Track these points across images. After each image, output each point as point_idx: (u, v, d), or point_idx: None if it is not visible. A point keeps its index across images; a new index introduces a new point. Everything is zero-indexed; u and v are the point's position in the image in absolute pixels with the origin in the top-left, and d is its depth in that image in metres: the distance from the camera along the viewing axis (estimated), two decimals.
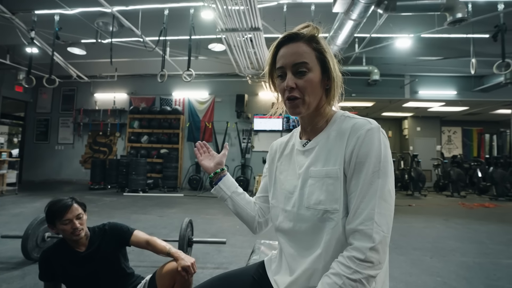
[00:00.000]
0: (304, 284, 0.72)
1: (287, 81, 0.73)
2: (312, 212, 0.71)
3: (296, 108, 0.74)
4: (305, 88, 0.72)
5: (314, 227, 0.71)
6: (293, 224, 0.76)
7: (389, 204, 0.64)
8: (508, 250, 3.17)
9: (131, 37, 5.36)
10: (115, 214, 4.47)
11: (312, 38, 0.74)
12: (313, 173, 0.73)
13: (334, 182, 0.68)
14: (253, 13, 3.79)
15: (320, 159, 0.73)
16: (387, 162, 0.66)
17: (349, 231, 0.65)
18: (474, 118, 10.08)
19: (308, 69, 0.72)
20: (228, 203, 0.97)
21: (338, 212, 0.67)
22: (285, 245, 0.79)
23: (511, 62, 4.22)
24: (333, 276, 0.62)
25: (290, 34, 0.75)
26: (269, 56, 0.79)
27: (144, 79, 8.44)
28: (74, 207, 1.38)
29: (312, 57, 0.73)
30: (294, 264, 0.75)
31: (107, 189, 7.30)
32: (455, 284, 2.25)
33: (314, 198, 0.71)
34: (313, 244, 0.71)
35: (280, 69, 0.75)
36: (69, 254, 1.40)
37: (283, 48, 0.75)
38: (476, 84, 7.15)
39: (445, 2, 3.40)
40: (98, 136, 8.62)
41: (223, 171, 1.01)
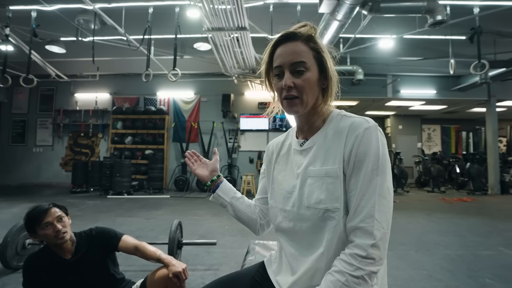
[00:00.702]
0: (306, 283, 0.72)
1: (285, 80, 0.72)
2: (313, 212, 0.71)
3: (293, 107, 0.74)
4: (303, 87, 0.72)
5: (314, 226, 0.71)
6: (293, 224, 0.76)
7: (388, 201, 0.66)
8: (486, 242, 3.33)
9: (114, 35, 5.21)
10: (100, 217, 4.33)
11: (310, 37, 0.74)
12: (312, 173, 0.73)
13: (334, 181, 0.69)
14: (239, 12, 3.77)
15: (319, 158, 0.73)
16: (385, 160, 0.67)
17: (350, 229, 0.65)
18: (452, 116, 10.52)
19: (306, 68, 0.72)
20: (228, 209, 0.97)
21: (339, 211, 0.68)
22: (286, 245, 0.78)
23: (486, 63, 4.43)
24: (336, 273, 0.62)
25: (287, 33, 0.74)
26: (266, 55, 0.78)
27: (127, 78, 8.23)
28: (52, 210, 1.33)
29: (310, 56, 0.73)
30: (296, 264, 0.75)
31: (90, 192, 7.07)
32: (439, 276, 2.34)
33: (314, 198, 0.71)
34: (314, 243, 0.71)
35: (277, 68, 0.75)
36: (55, 262, 1.34)
37: (281, 47, 0.75)
38: (453, 83, 7.47)
39: (426, 5, 3.52)
40: (80, 138, 8.33)
41: (219, 177, 1.00)
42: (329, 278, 0.63)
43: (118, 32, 4.72)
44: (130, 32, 4.76)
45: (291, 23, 3.39)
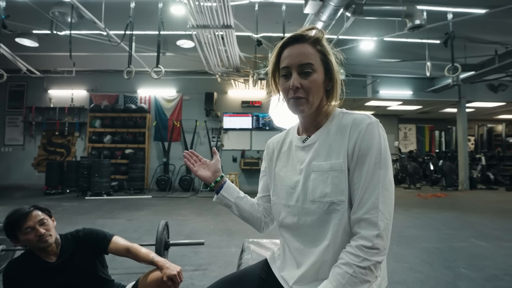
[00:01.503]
0: (313, 277, 0.73)
1: (292, 81, 0.74)
2: (318, 205, 0.73)
3: (299, 106, 0.76)
4: (310, 88, 0.74)
5: (320, 220, 0.73)
6: (298, 218, 0.77)
7: (390, 193, 0.69)
8: (460, 234, 3.54)
9: (91, 29, 4.99)
10: (78, 220, 4.15)
11: (317, 40, 0.76)
12: (315, 167, 0.75)
13: (339, 175, 0.71)
14: (225, 10, 3.75)
15: (322, 153, 0.76)
16: (387, 154, 0.70)
17: (355, 221, 0.68)
18: (426, 116, 11.07)
19: (313, 70, 0.74)
20: (233, 209, 0.97)
21: (344, 203, 0.70)
22: (290, 240, 0.80)
23: (459, 66, 4.70)
24: (343, 266, 0.64)
25: (296, 35, 0.76)
26: (273, 56, 0.80)
27: (105, 75, 7.92)
28: (34, 214, 1.26)
29: (317, 58, 0.75)
30: (301, 258, 0.76)
31: (66, 193, 6.74)
32: (420, 268, 2.46)
33: (319, 192, 0.73)
34: (319, 236, 0.73)
35: (285, 68, 0.76)
36: (38, 266, 1.27)
37: (289, 49, 0.76)
38: (428, 85, 7.85)
39: (405, 9, 3.68)
40: (54, 136, 7.90)
41: (223, 178, 0.99)
42: (336, 270, 0.65)
43: (96, 26, 4.52)
44: (110, 27, 4.58)
45: (275, 22, 3.44)
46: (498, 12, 4.18)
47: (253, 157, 7.79)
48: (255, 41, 4.84)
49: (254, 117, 7.99)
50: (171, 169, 7.62)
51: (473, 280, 2.24)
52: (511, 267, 2.49)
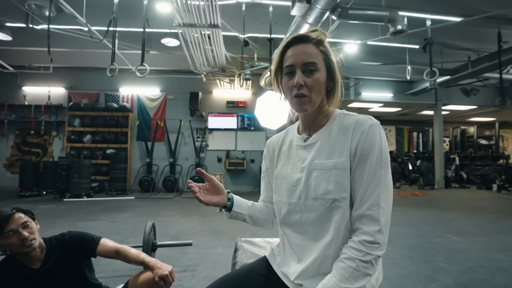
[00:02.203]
0: (314, 272, 0.75)
1: (297, 78, 0.76)
2: (320, 202, 0.75)
3: (303, 105, 0.78)
4: (313, 86, 0.76)
5: (322, 216, 0.75)
6: (300, 215, 0.79)
7: (390, 190, 0.72)
8: (437, 230, 3.72)
9: (72, 24, 4.80)
10: (57, 222, 3.98)
11: (320, 41, 0.78)
12: (318, 166, 0.77)
13: (342, 173, 0.73)
14: (213, 9, 3.73)
15: (324, 152, 0.78)
16: (387, 154, 0.73)
17: (356, 217, 0.71)
18: (405, 118, 11.51)
19: (316, 69, 0.76)
20: (247, 220, 0.96)
21: (346, 200, 0.73)
22: (292, 237, 0.81)
23: (436, 71, 4.93)
24: (346, 260, 0.67)
25: (300, 35, 0.78)
26: (277, 55, 0.81)
27: (85, 72, 7.64)
28: (16, 216, 1.20)
29: (320, 59, 0.77)
30: (303, 254, 0.78)
31: (42, 195, 6.43)
32: (402, 263, 2.57)
33: (321, 189, 0.75)
34: (321, 232, 0.75)
35: (289, 67, 0.78)
36: (21, 273, 1.21)
37: (292, 48, 0.78)
38: (407, 88, 8.18)
39: (388, 15, 3.82)
40: (29, 136, 7.51)
41: (229, 193, 0.96)
42: (340, 265, 0.67)
43: (76, 21, 4.35)
44: (92, 23, 4.42)
45: (262, 23, 3.48)
46: (472, 21, 4.43)
47: (238, 158, 7.79)
48: (242, 41, 4.85)
49: (239, 117, 7.98)
50: (155, 169, 7.47)
51: (450, 272, 2.37)
52: (483, 260, 2.65)
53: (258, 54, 5.88)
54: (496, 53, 5.45)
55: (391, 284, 2.16)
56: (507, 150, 12.24)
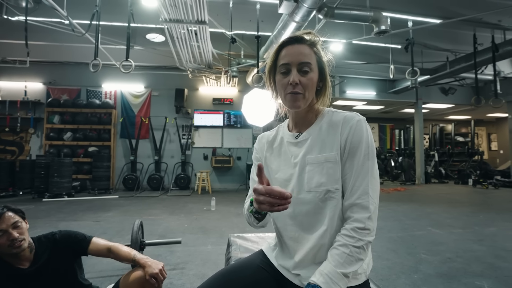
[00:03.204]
0: (310, 261, 0.79)
1: (292, 77, 0.79)
2: (314, 194, 0.79)
3: (297, 102, 0.81)
4: (307, 85, 0.80)
5: (315, 208, 0.79)
6: (293, 208, 0.82)
7: (377, 180, 0.77)
8: (418, 224, 3.88)
9: (51, 17, 4.60)
10: (37, 223, 3.82)
11: (314, 43, 0.83)
12: (310, 160, 0.81)
13: (334, 166, 0.78)
14: (200, 5, 3.68)
15: (315, 148, 0.82)
16: (374, 147, 0.79)
17: (347, 206, 0.75)
18: (388, 116, 11.86)
19: (310, 69, 0.80)
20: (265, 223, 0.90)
21: (338, 191, 0.77)
22: (286, 229, 0.84)
23: (417, 70, 5.10)
24: (340, 247, 0.71)
25: (296, 36, 0.82)
26: (273, 54, 0.84)
27: (65, 67, 7.34)
28: (7, 216, 1.17)
29: (313, 59, 0.82)
30: (298, 245, 0.81)
31: (19, 195, 6.16)
32: (386, 256, 2.66)
33: (315, 182, 0.79)
34: (315, 223, 0.79)
35: (284, 65, 0.81)
36: (9, 274, 1.17)
37: (288, 48, 0.82)
38: (390, 87, 8.42)
39: (373, 15, 3.92)
40: (3, 133, 7.14)
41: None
42: (334, 252, 0.71)
43: (56, 14, 4.17)
44: (73, 16, 4.25)
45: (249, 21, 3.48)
46: (450, 23, 4.62)
47: (225, 155, 7.76)
48: (230, 38, 4.82)
49: (226, 114, 7.95)
50: (139, 167, 7.32)
51: (431, 263, 2.48)
52: (461, 250, 2.80)
53: (245, 52, 5.86)
54: (471, 54, 5.71)
55: (376, 276, 2.24)
56: (481, 147, 12.89)
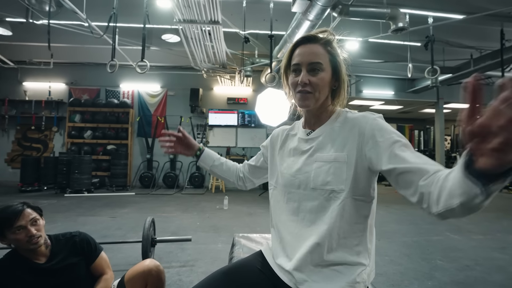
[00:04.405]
0: (306, 261, 0.76)
1: (301, 77, 0.80)
2: (319, 192, 0.78)
3: (306, 101, 0.81)
4: (317, 85, 0.80)
5: (319, 206, 0.78)
6: (298, 204, 0.82)
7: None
8: (436, 228, 3.73)
9: (72, 20, 4.79)
10: (57, 218, 4.01)
11: (328, 42, 0.82)
12: (319, 158, 0.81)
13: (342, 166, 0.76)
14: (213, 5, 3.71)
15: (326, 146, 0.81)
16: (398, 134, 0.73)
17: (424, 175, 0.62)
18: (406, 116, 11.47)
19: (321, 69, 0.80)
20: (211, 172, 1.19)
21: (343, 192, 0.75)
22: (287, 225, 0.84)
23: (438, 69, 4.90)
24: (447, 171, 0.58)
25: (309, 35, 0.82)
26: (287, 53, 0.86)
27: (86, 68, 7.63)
28: (26, 212, 1.21)
29: (326, 59, 0.81)
30: (297, 242, 0.80)
31: (43, 190, 6.47)
32: (399, 260, 2.58)
33: (320, 180, 0.78)
34: (317, 221, 0.78)
35: (295, 65, 0.82)
36: (27, 267, 1.22)
37: (300, 47, 0.82)
38: (409, 86, 8.14)
39: (390, 12, 3.79)
40: (30, 131, 7.53)
41: (200, 150, 1.18)
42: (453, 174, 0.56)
43: (77, 16, 4.34)
44: (92, 18, 4.41)
45: (263, 20, 3.46)
46: (474, 19, 4.40)
47: (239, 154, 7.79)
48: (242, 38, 4.83)
49: (240, 114, 7.98)
50: (155, 165, 7.49)
51: (448, 270, 2.38)
52: (481, 258, 2.66)
53: (258, 51, 5.86)
54: (498, 51, 5.41)
55: (387, 281, 2.18)
56: None
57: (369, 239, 0.80)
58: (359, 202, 0.77)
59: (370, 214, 0.81)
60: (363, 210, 0.79)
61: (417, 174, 0.63)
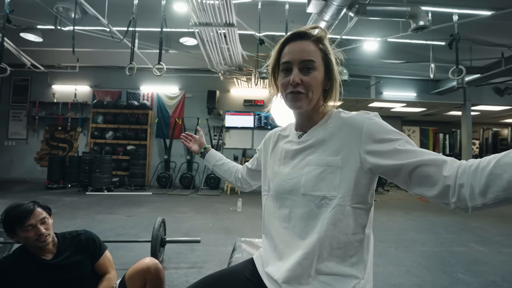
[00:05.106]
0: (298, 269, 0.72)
1: (293, 76, 0.74)
2: (309, 198, 0.73)
3: (298, 102, 0.76)
4: (310, 84, 0.75)
5: (310, 213, 0.73)
6: (289, 210, 0.78)
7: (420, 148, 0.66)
8: (459, 238, 3.50)
9: (95, 25, 5.01)
10: (78, 214, 4.18)
11: (320, 39, 0.77)
12: (311, 162, 0.76)
13: (335, 171, 0.71)
14: (228, 8, 3.73)
15: (318, 149, 0.76)
16: (398, 132, 0.70)
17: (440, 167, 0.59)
18: (430, 118, 10.95)
19: (314, 67, 0.75)
20: (213, 171, 1.27)
21: (335, 199, 0.70)
22: (278, 232, 0.79)
23: (463, 69, 4.63)
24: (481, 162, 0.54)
25: (299, 32, 0.76)
26: (275, 52, 0.80)
27: (109, 71, 7.95)
28: (37, 211, 1.25)
29: (318, 57, 0.76)
30: (287, 250, 0.76)
31: (67, 188, 6.79)
32: (416, 272, 2.44)
33: (311, 185, 0.73)
34: (308, 229, 0.73)
35: (286, 63, 0.77)
36: (34, 263, 1.26)
37: (290, 45, 0.77)
38: (433, 87, 7.76)
39: (410, 10, 3.63)
40: (57, 131, 7.96)
41: (206, 149, 1.28)
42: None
43: (100, 22, 4.53)
44: (113, 24, 4.58)
45: (278, 21, 3.42)
46: (504, 14, 4.11)
47: None
48: (258, 39, 4.82)
49: (256, 116, 7.97)
50: (172, 166, 7.64)
51: (470, 285, 2.21)
52: (510, 274, 2.46)
53: None
54: None
55: None
56: None
57: (366, 250, 0.75)
58: (356, 210, 0.72)
59: (368, 223, 0.75)
60: (360, 218, 0.73)
61: (434, 166, 0.59)
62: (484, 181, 0.51)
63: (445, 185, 0.57)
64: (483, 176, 0.51)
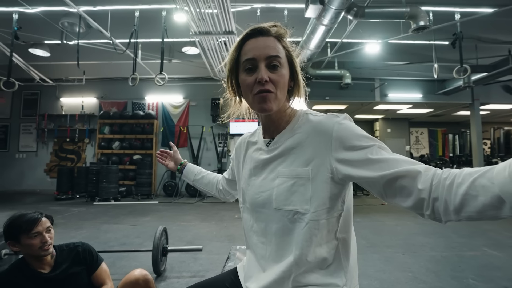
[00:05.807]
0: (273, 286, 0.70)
1: (260, 73, 0.67)
2: (282, 213, 0.69)
3: (267, 103, 0.68)
4: (278, 82, 0.69)
5: (284, 229, 0.69)
6: (265, 224, 0.74)
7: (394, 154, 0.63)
8: (470, 242, 3.38)
9: (99, 39, 5.13)
10: (84, 225, 4.21)
11: (281, 36, 0.72)
12: (281, 173, 0.71)
13: (305, 183, 0.66)
14: (226, 16, 3.77)
15: (287, 159, 0.71)
16: (369, 137, 0.65)
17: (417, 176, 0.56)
18: (439, 119, 10.75)
19: (280, 64, 0.70)
20: (194, 186, 1.23)
21: (308, 213, 0.66)
22: (257, 247, 0.76)
23: (468, 68, 4.55)
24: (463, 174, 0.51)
25: (260, 27, 0.71)
26: (233, 50, 0.73)
27: (114, 82, 8.11)
28: (44, 220, 1.28)
29: (283, 54, 0.71)
30: (267, 265, 0.73)
31: (76, 198, 6.88)
32: (424, 278, 2.35)
33: (283, 199, 0.69)
34: (283, 245, 0.70)
35: (249, 61, 0.69)
36: (31, 276, 1.26)
37: (252, 41, 0.70)
38: (439, 87, 7.64)
39: (409, 11, 3.61)
40: (65, 143, 8.12)
41: (182, 165, 1.24)
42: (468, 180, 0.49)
43: (104, 35, 4.65)
44: (116, 36, 4.69)
45: None
46: (506, 11, 4.03)
47: None
48: None
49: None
50: (178, 175, 7.65)
51: None
52: None
53: None
54: None
55: None
56: None
57: (344, 256, 0.70)
58: (329, 220, 0.67)
59: (340, 227, 0.69)
60: (331, 226, 0.68)
61: (408, 177, 0.56)
62: (459, 200, 0.49)
63: (420, 198, 0.54)
64: (458, 194, 0.49)
